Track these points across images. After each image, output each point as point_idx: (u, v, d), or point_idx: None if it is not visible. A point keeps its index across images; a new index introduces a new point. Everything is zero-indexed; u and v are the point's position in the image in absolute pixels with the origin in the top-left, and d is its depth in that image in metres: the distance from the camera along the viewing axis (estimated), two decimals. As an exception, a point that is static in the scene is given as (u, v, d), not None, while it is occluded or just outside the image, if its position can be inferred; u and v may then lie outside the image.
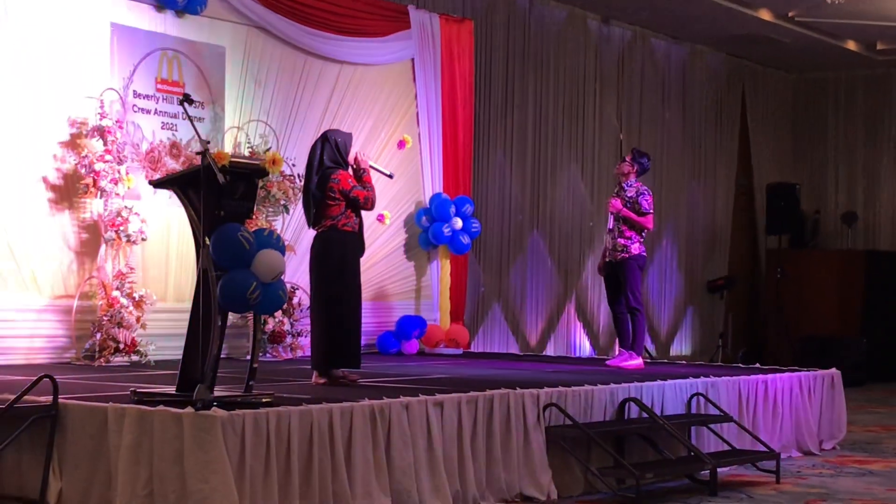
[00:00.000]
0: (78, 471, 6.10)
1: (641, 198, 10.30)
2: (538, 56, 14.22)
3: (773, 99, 18.32)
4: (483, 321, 13.53)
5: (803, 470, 9.03)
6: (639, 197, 10.30)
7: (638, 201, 10.28)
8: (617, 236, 10.28)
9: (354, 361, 7.98)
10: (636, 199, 10.29)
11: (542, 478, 7.47)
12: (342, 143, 8.07)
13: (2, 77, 9.00)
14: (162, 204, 9.73)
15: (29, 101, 9.13)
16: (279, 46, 11.00)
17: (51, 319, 9.23)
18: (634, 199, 10.29)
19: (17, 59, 9.08)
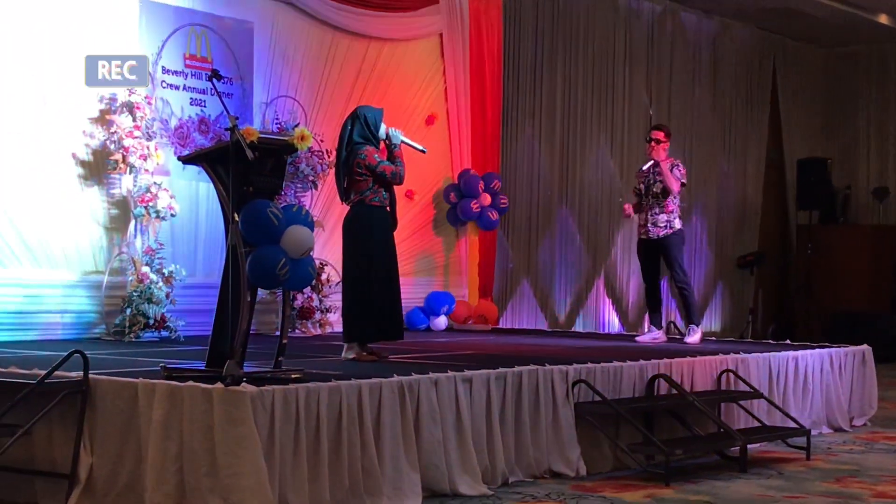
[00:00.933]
0: (108, 446, 6.13)
1: (676, 169, 10.26)
2: (567, 31, 14.14)
3: (804, 73, 18.18)
4: (511, 297, 13.51)
5: (834, 446, 8.99)
6: (673, 168, 10.25)
7: (673, 173, 10.23)
8: (658, 212, 10.22)
9: (396, 333, 8.00)
10: (672, 172, 10.24)
11: (571, 454, 7.46)
12: (372, 119, 8.07)
13: (32, 54, 9.02)
14: (191, 180, 9.75)
15: (59, 78, 9.15)
16: (307, 22, 10.99)
17: (81, 295, 9.28)
18: (669, 171, 10.24)
19: (47, 36, 9.09)
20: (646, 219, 10.32)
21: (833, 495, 7.06)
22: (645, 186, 10.35)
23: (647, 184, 10.33)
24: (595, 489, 7.06)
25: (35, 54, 9.03)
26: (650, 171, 10.32)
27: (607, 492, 6.99)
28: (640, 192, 10.42)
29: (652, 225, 10.27)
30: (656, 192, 10.26)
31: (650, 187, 10.31)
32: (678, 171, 10.28)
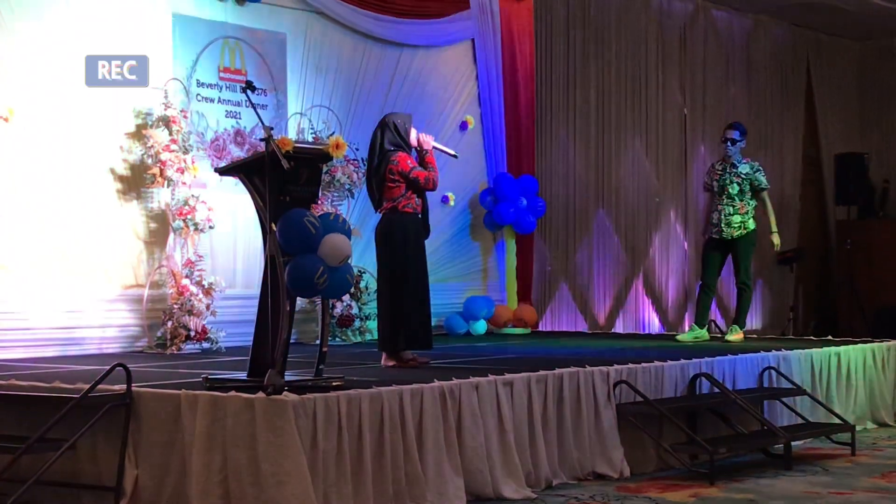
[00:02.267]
0: (153, 458, 6.17)
1: (759, 174, 10.25)
2: (599, 32, 14.12)
3: (839, 68, 18.06)
4: (550, 300, 13.49)
5: (879, 441, 8.93)
6: (756, 173, 10.24)
7: (756, 177, 10.21)
8: (732, 212, 10.18)
9: (425, 343, 8.01)
10: (754, 175, 10.22)
11: (615, 455, 7.45)
12: (402, 126, 8.07)
13: (68, 70, 9.10)
14: (228, 191, 9.79)
15: (95, 94, 9.21)
16: (339, 31, 11.03)
17: (122, 309, 9.34)
18: (752, 174, 10.22)
19: (82, 53, 9.16)
20: (719, 218, 10.27)
21: (879, 490, 7.02)
22: (719, 185, 10.29)
23: (723, 183, 10.28)
24: (639, 490, 7.04)
25: (72, 71, 9.10)
26: (725, 170, 10.27)
27: (652, 492, 6.97)
28: (712, 188, 10.37)
29: (726, 225, 10.24)
30: (731, 192, 10.23)
31: (725, 187, 10.26)
32: (763, 176, 10.27)
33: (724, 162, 10.33)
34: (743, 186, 10.19)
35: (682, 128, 15.35)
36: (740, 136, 10.31)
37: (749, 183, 10.20)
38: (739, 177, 10.20)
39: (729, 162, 10.27)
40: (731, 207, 10.20)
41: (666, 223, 15.05)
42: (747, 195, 10.22)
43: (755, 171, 10.22)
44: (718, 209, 10.27)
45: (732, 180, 10.23)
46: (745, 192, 10.21)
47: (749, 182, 10.20)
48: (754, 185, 10.21)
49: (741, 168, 10.21)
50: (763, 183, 10.24)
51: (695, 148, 15.44)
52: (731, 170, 10.23)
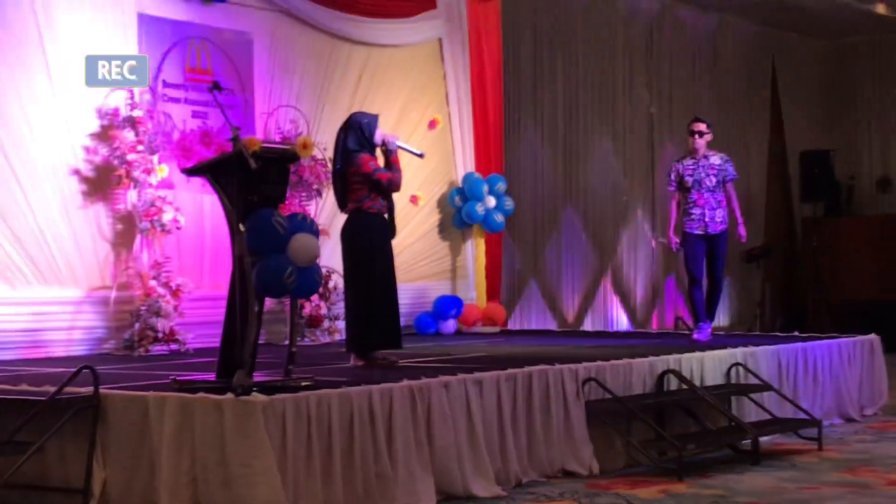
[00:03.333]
0: (121, 460, 6.14)
1: (729, 164, 10.20)
2: (566, 31, 14.15)
3: (803, 66, 18.18)
4: (519, 299, 13.52)
5: (845, 436, 8.99)
6: (726, 164, 10.18)
7: (727, 168, 10.16)
8: (715, 206, 10.11)
9: (393, 343, 8.00)
10: (725, 167, 10.16)
11: (584, 453, 7.47)
12: (367, 126, 8.02)
13: (33, 71, 9.05)
14: (195, 192, 9.77)
15: (60, 95, 9.17)
16: (306, 31, 11.01)
17: (89, 311, 9.30)
18: (723, 166, 10.15)
19: (46, 52, 9.11)
20: (701, 213, 10.09)
21: (846, 485, 7.07)
22: (694, 180, 10.13)
23: (698, 177, 10.11)
24: (609, 487, 7.07)
25: (35, 71, 9.05)
26: (698, 164, 10.13)
27: (621, 489, 6.99)
28: (682, 185, 10.18)
29: (710, 220, 10.08)
30: (710, 185, 10.08)
31: (701, 181, 10.11)
32: (732, 167, 10.22)
33: (693, 156, 10.19)
34: (718, 178, 10.13)
35: (649, 126, 15.42)
36: (707, 129, 10.22)
37: (722, 174, 10.13)
38: (714, 168, 10.09)
39: (700, 155, 10.16)
40: (713, 201, 10.07)
41: (633, 221, 15.11)
42: (722, 187, 10.16)
43: (726, 163, 10.16)
44: (700, 204, 10.09)
45: (708, 173, 10.10)
46: (721, 184, 10.16)
47: (722, 173, 10.12)
48: (724, 176, 10.14)
49: (713, 160, 10.14)
50: (732, 174, 10.16)
51: (662, 146, 15.51)
52: (704, 162, 10.13)
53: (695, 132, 10.20)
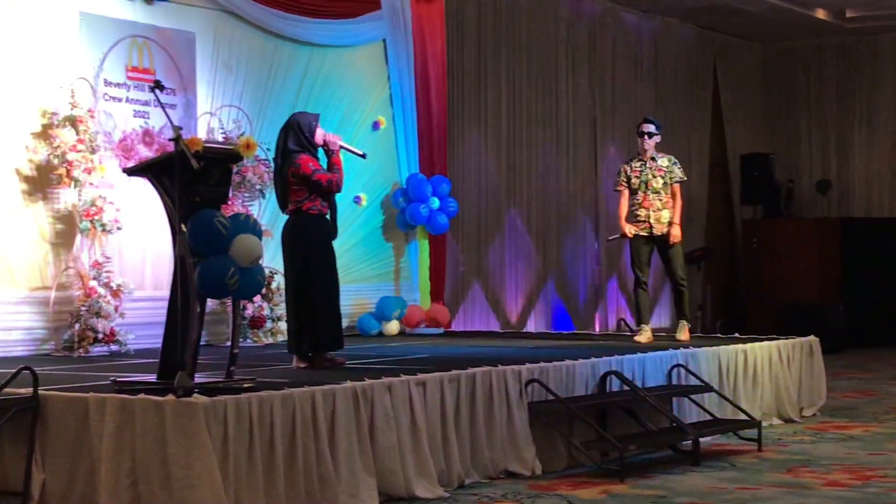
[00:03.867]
0: (61, 462, 6.09)
1: (676, 166, 10.22)
2: (510, 33, 14.20)
3: (744, 70, 18.36)
4: (463, 300, 13.54)
5: (784, 437, 9.08)
6: (674, 165, 10.20)
7: (673, 170, 10.18)
8: (660, 207, 10.13)
9: (335, 344, 7.97)
10: (672, 168, 10.17)
11: (526, 454, 7.49)
12: (307, 126, 7.93)
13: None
14: (136, 192, 9.68)
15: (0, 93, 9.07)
16: (249, 31, 10.95)
17: (28, 311, 9.19)
18: (670, 167, 10.17)
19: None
20: (647, 214, 10.11)
21: (785, 485, 7.14)
22: (641, 181, 10.14)
23: (645, 178, 10.12)
24: (551, 487, 7.09)
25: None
26: (645, 164, 10.15)
27: (563, 489, 7.03)
28: (629, 186, 10.18)
29: (655, 221, 10.09)
30: (656, 186, 10.09)
31: (648, 182, 10.12)
32: (680, 169, 10.25)
33: (641, 157, 10.21)
34: (665, 179, 10.15)
35: (592, 128, 15.49)
36: (657, 130, 10.25)
37: (669, 175, 10.16)
38: (661, 170, 10.13)
39: (647, 156, 10.17)
40: (658, 202, 10.10)
41: (577, 223, 15.17)
42: (668, 188, 10.20)
43: (673, 164, 10.19)
44: (645, 206, 10.10)
45: (655, 174, 10.13)
46: (668, 186, 10.18)
47: (669, 174, 10.16)
48: (671, 178, 10.18)
49: (660, 161, 10.17)
50: (679, 176, 10.16)
51: (604, 148, 15.61)
52: (652, 164, 10.15)
53: (644, 133, 10.23)
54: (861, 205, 18.06)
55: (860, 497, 6.76)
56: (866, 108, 18.06)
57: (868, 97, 18.03)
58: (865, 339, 16.65)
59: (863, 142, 18.08)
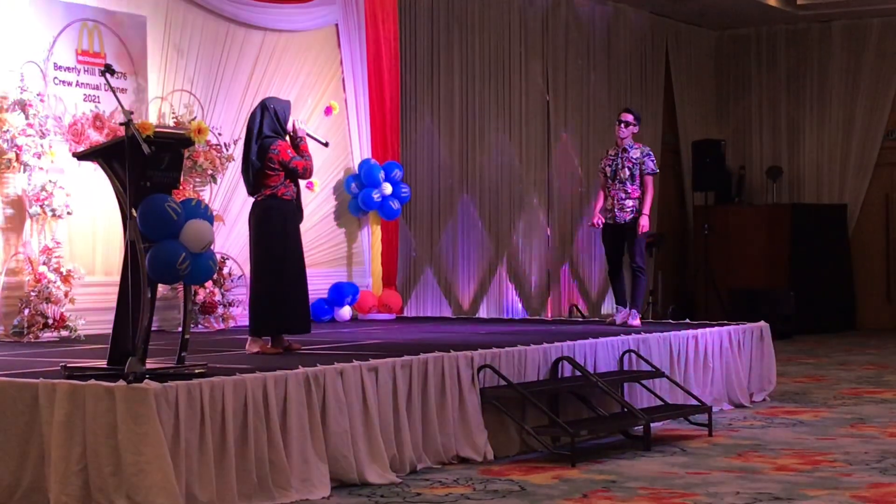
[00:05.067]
0: (10, 449, 6.04)
1: (648, 158, 10.35)
2: (462, 19, 14.19)
3: (696, 56, 18.44)
4: (415, 286, 13.54)
5: (735, 422, 9.15)
6: (645, 157, 10.34)
7: (644, 162, 10.31)
8: (624, 197, 10.28)
9: (305, 326, 7.99)
10: (643, 161, 10.32)
11: (479, 439, 7.51)
12: (281, 112, 8.03)
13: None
14: (87, 177, 9.60)
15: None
16: (201, 14, 10.88)
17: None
18: (640, 160, 10.32)
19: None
20: (612, 204, 10.33)
21: (735, 470, 7.20)
22: (612, 170, 10.34)
23: (615, 168, 10.33)
24: (503, 473, 7.12)
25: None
26: (618, 155, 10.34)
27: (515, 475, 7.05)
28: (606, 175, 10.42)
29: (619, 210, 10.30)
30: (623, 177, 10.28)
31: (617, 171, 10.32)
32: (651, 161, 10.36)
33: (616, 147, 10.42)
34: (633, 171, 10.29)
35: (545, 114, 15.52)
36: (634, 121, 10.42)
37: (639, 167, 10.32)
38: (631, 161, 10.30)
39: (622, 146, 10.36)
40: (623, 192, 10.28)
41: (529, 208, 15.21)
42: (638, 180, 10.34)
43: (645, 156, 10.35)
44: (612, 195, 10.34)
45: (624, 165, 10.31)
46: (636, 177, 10.31)
47: (639, 166, 10.31)
48: (642, 169, 10.33)
49: (632, 153, 10.33)
50: (650, 168, 10.34)
51: (557, 134, 15.63)
52: (623, 154, 10.33)
53: (621, 122, 10.45)
54: (811, 191, 18.20)
55: (809, 481, 6.83)
56: (817, 95, 18.19)
57: (819, 84, 18.16)
58: (815, 325, 16.80)
59: (813, 128, 18.21)
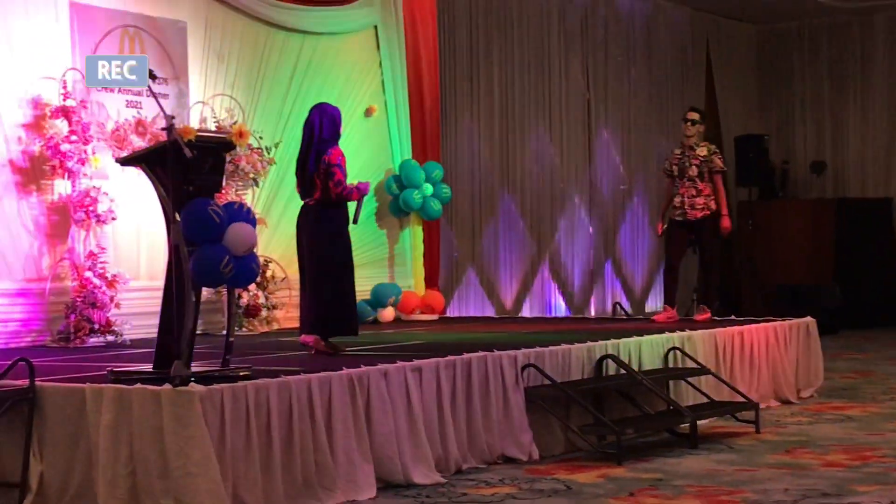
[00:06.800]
0: (58, 453, 6.08)
1: (716, 156, 10.51)
2: (501, 17, 14.18)
3: (737, 51, 18.34)
4: (458, 286, 13.54)
5: (782, 419, 9.09)
6: (713, 155, 10.47)
7: (713, 159, 10.43)
8: (695, 195, 10.40)
9: (353, 329, 8.03)
10: (710, 158, 10.46)
11: (523, 438, 7.49)
12: (339, 118, 8.12)
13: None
14: (130, 182, 9.66)
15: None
16: (240, 19, 10.92)
17: (24, 303, 9.17)
18: (709, 157, 10.46)
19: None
20: (682, 201, 10.49)
21: (784, 466, 7.15)
22: (679, 168, 10.52)
23: (682, 166, 10.51)
24: (548, 472, 7.10)
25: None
26: (684, 153, 10.51)
27: (561, 474, 7.03)
28: (671, 173, 10.60)
29: (689, 207, 10.46)
30: (692, 175, 10.44)
31: (685, 170, 10.49)
32: (719, 158, 10.52)
33: (682, 146, 10.59)
34: (702, 169, 10.48)
35: (586, 112, 15.49)
36: (700, 119, 10.61)
37: (707, 165, 10.44)
38: (698, 159, 10.48)
39: (688, 145, 10.53)
40: (693, 189, 10.45)
41: (571, 207, 15.18)
42: (706, 177, 10.46)
43: (712, 154, 10.52)
44: (681, 193, 10.50)
45: (692, 163, 10.48)
46: (704, 175, 10.48)
47: (707, 164, 10.43)
48: (710, 167, 10.43)
49: (699, 150, 10.51)
50: (718, 165, 10.53)
51: (598, 132, 15.59)
52: (690, 153, 10.51)
53: (687, 120, 10.62)
54: (856, 185, 18.06)
55: (858, 477, 6.77)
56: (860, 88, 18.06)
57: (862, 78, 18.03)
58: (861, 320, 16.67)
59: (857, 122, 18.08)
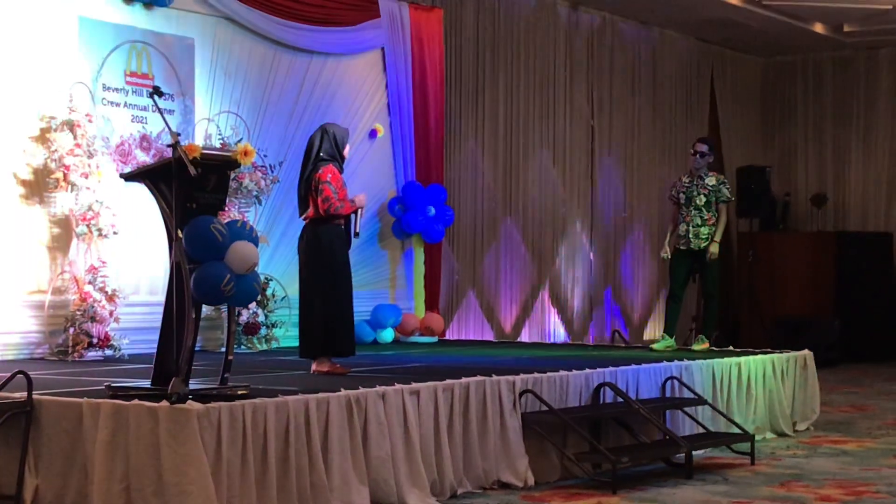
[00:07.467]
0: (54, 466, 6.09)
1: (724, 186, 10.61)
2: (508, 43, 14.22)
3: (741, 83, 18.38)
4: (458, 309, 13.54)
5: (778, 451, 9.09)
6: (721, 185, 10.57)
7: (721, 189, 10.53)
8: (700, 224, 10.47)
9: (351, 349, 8.08)
10: (719, 188, 10.55)
11: (519, 464, 7.50)
12: (340, 138, 8.21)
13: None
14: (133, 197, 9.68)
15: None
16: (248, 37, 10.96)
17: (23, 315, 9.18)
18: (717, 187, 10.55)
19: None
20: (687, 230, 10.57)
21: (778, 500, 7.14)
22: (686, 197, 10.59)
23: (690, 195, 10.58)
24: (543, 499, 7.10)
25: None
26: (692, 182, 10.59)
27: (555, 501, 7.03)
28: (678, 201, 10.67)
29: (694, 236, 10.53)
30: (699, 203, 10.53)
31: (692, 198, 10.56)
32: (727, 189, 10.62)
33: (691, 175, 10.67)
34: (709, 198, 10.57)
35: (589, 138, 15.51)
36: (709, 150, 10.69)
37: (714, 195, 10.48)
38: (706, 188, 10.56)
39: (696, 174, 10.62)
40: (699, 219, 10.53)
41: (572, 233, 15.19)
42: (713, 207, 10.51)
43: (720, 184, 10.62)
44: (686, 221, 10.58)
45: (700, 192, 10.56)
46: (712, 204, 10.56)
47: (714, 194, 10.47)
48: (718, 197, 10.48)
49: (708, 180, 10.59)
50: (726, 196, 10.64)
51: (601, 158, 15.62)
52: (699, 182, 10.59)
53: (696, 152, 10.70)
54: (857, 219, 18.08)
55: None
56: (863, 122, 18.09)
57: (865, 112, 18.06)
58: (859, 354, 16.64)
59: (859, 156, 18.10)
